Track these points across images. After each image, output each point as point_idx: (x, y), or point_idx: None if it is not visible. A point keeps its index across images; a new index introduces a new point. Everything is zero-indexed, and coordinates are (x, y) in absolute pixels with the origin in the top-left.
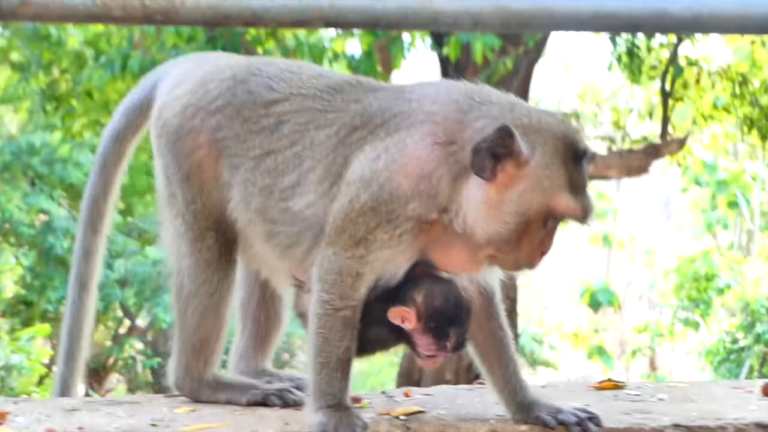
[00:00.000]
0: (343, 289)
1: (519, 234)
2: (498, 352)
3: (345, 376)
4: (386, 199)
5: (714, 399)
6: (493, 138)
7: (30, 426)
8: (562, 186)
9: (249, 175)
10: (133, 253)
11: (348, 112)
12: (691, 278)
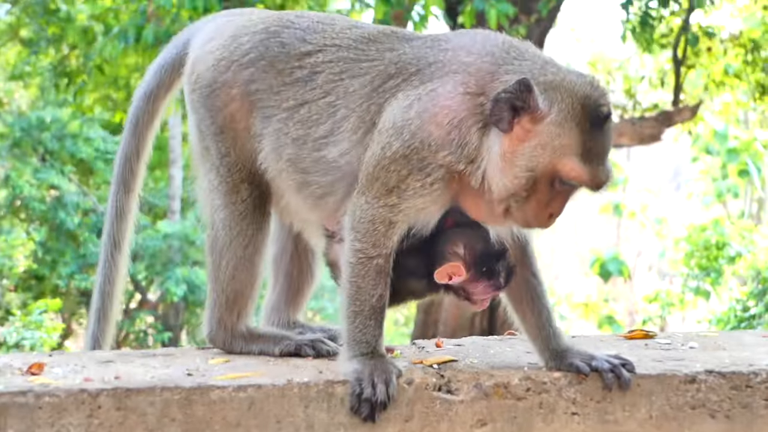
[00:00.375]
0: (375, 237)
1: (527, 191)
2: (531, 300)
3: (378, 325)
4: (417, 147)
5: (745, 347)
6: (512, 90)
7: (67, 376)
8: (573, 149)
9: (282, 125)
10: (144, 228)
11: (383, 61)
12: (702, 247)
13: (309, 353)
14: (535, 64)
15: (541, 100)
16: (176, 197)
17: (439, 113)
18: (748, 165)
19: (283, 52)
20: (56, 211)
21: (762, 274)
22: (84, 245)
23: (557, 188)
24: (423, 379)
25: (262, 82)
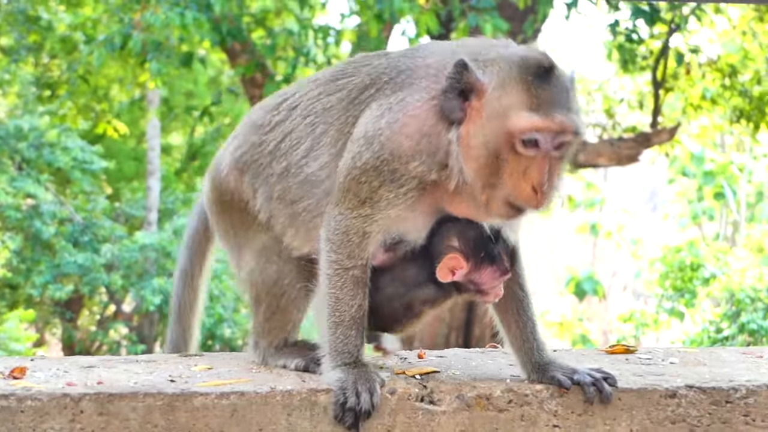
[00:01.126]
0: (350, 248)
1: (497, 169)
2: (517, 312)
3: (359, 334)
4: (388, 159)
5: (725, 363)
6: (451, 74)
7: (50, 380)
8: (519, 104)
9: (268, 168)
10: (120, 238)
11: (359, 75)
12: (677, 268)
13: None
14: (482, 47)
15: (481, 75)
16: (153, 208)
17: (409, 123)
18: (723, 188)
19: (261, 112)
20: (32, 219)
21: (735, 296)
22: (59, 254)
23: (525, 153)
24: (406, 389)
25: (246, 144)
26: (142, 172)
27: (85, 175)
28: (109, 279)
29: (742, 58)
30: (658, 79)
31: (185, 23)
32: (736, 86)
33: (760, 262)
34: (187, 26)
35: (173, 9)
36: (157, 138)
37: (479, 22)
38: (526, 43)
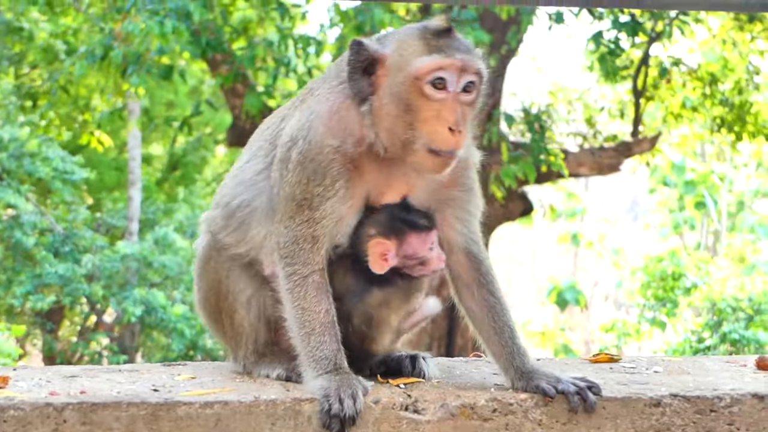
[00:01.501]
0: (303, 256)
1: (412, 121)
2: (492, 319)
3: (333, 339)
4: (309, 149)
5: (708, 372)
6: (350, 57)
7: (32, 390)
8: (421, 52)
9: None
10: (101, 248)
11: (296, 99)
12: (659, 277)
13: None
14: (379, 34)
15: (380, 47)
16: (134, 218)
17: (322, 110)
18: (704, 197)
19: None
20: (12, 230)
21: (717, 305)
22: (40, 265)
23: (434, 96)
24: (390, 398)
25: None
26: (123, 182)
27: (65, 186)
28: (90, 289)
29: (722, 67)
30: (639, 89)
31: (164, 32)
32: (716, 95)
33: (741, 271)
34: (166, 35)
35: (153, 18)
36: (138, 148)
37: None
38: (510, 55)
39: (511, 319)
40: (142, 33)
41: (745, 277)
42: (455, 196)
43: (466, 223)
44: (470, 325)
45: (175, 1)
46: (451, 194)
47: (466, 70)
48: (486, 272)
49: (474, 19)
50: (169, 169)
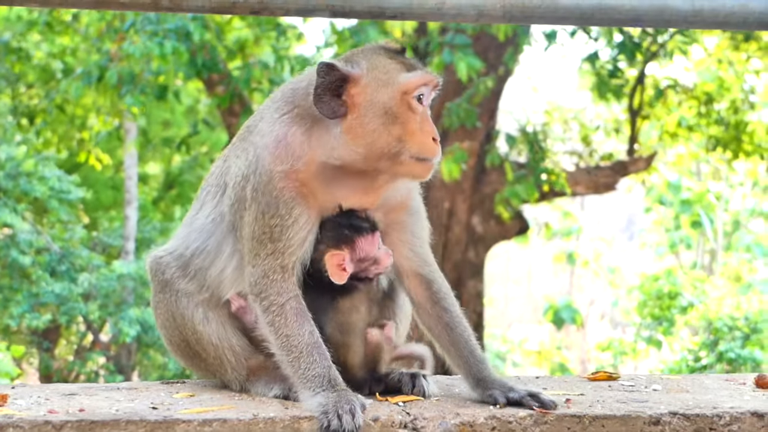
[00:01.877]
0: (275, 286)
1: (401, 133)
2: (448, 333)
3: (323, 356)
4: (260, 181)
5: (708, 390)
6: (319, 80)
7: (31, 408)
8: (399, 71)
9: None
10: (97, 268)
11: (233, 143)
12: (655, 296)
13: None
14: (340, 56)
15: (350, 67)
16: (131, 238)
17: (266, 140)
18: (700, 216)
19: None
20: (8, 249)
21: (713, 324)
22: (37, 284)
23: (418, 109)
24: (389, 416)
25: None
26: (119, 201)
27: (62, 205)
28: (86, 308)
29: (718, 86)
30: (635, 107)
31: (164, 53)
32: (712, 114)
33: (737, 290)
34: (166, 56)
35: (152, 39)
36: (135, 167)
37: (453, 59)
38: (506, 76)
39: (466, 331)
40: (142, 54)
41: (741, 296)
42: (402, 220)
43: (413, 247)
44: (433, 341)
45: (174, 22)
46: (398, 218)
47: (437, 86)
48: (438, 290)
49: (467, 45)
50: (166, 188)
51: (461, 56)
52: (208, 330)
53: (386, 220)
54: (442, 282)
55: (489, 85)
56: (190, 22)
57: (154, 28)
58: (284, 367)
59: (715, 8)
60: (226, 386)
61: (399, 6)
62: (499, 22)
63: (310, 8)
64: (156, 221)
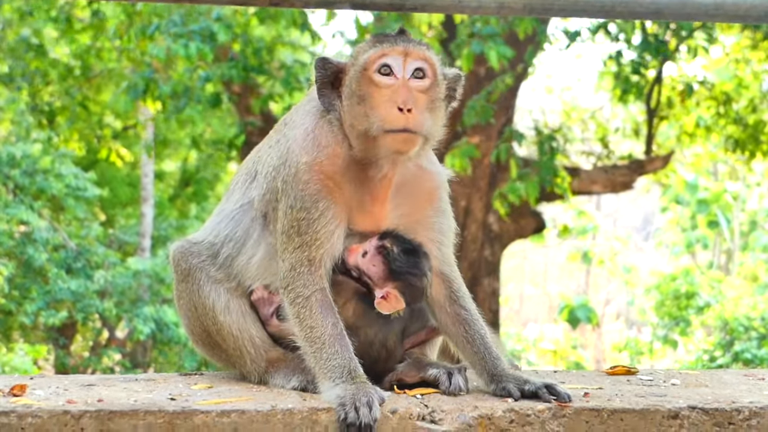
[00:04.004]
0: (302, 278)
1: (367, 109)
2: (464, 330)
3: (345, 348)
4: (289, 173)
5: (726, 385)
6: (317, 74)
7: (50, 398)
8: (366, 49)
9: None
10: (113, 265)
11: (269, 137)
12: (672, 296)
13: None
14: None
15: (342, 60)
16: (147, 235)
17: (298, 135)
18: (717, 216)
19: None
20: (25, 246)
21: (729, 324)
22: (52, 281)
23: (383, 82)
24: (407, 408)
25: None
26: (136, 198)
27: (78, 202)
28: (102, 305)
29: (736, 86)
30: (652, 107)
31: (190, 54)
32: (731, 114)
33: (754, 290)
34: (191, 57)
35: (177, 41)
36: (151, 164)
37: (484, 49)
38: (523, 74)
39: (482, 328)
40: (166, 56)
41: (757, 296)
42: (429, 218)
43: (439, 246)
44: (447, 339)
45: (198, 23)
46: (425, 215)
47: (410, 55)
48: (457, 289)
49: (496, 34)
50: (182, 185)
51: (492, 45)
52: (229, 321)
53: (413, 216)
54: (460, 282)
55: (508, 82)
56: (214, 23)
57: (179, 30)
58: (307, 358)
59: (737, 1)
60: (244, 378)
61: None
62: (519, 14)
63: (330, 0)
64: (172, 218)
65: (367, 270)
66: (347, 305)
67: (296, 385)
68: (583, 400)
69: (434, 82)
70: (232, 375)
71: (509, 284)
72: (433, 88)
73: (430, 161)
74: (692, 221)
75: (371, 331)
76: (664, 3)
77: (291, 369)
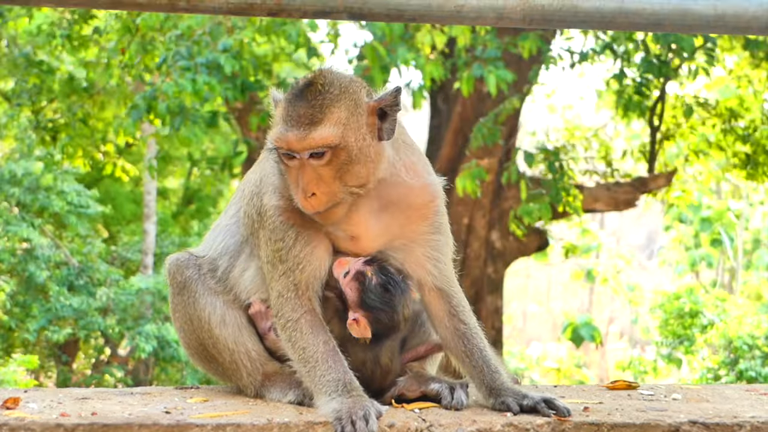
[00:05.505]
0: (289, 303)
1: (289, 184)
2: (463, 344)
3: (338, 362)
4: (260, 207)
5: (728, 400)
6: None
7: (43, 411)
8: (276, 120)
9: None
10: (116, 282)
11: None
12: (676, 315)
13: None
14: None
15: (277, 96)
16: (149, 252)
17: (269, 170)
18: (721, 235)
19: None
20: (26, 263)
21: (733, 343)
22: (53, 298)
23: (289, 164)
24: (404, 423)
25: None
26: (139, 215)
27: (80, 219)
28: (104, 323)
29: (738, 104)
30: (655, 125)
31: (197, 89)
32: (737, 131)
33: (757, 309)
34: (199, 92)
35: (184, 75)
36: (154, 181)
37: (483, 73)
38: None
39: (482, 341)
40: (175, 92)
41: (761, 314)
42: (424, 235)
43: (435, 263)
44: (448, 353)
45: (205, 56)
46: (419, 233)
47: (291, 147)
48: (456, 304)
49: (497, 58)
50: (185, 202)
51: (492, 69)
52: (225, 334)
53: (405, 236)
54: (460, 296)
55: (516, 105)
56: (221, 55)
57: (186, 63)
58: (303, 379)
59: (738, 13)
60: (240, 391)
61: (417, 8)
62: (518, 25)
63: (327, 10)
64: (175, 236)
65: (344, 290)
66: (332, 322)
67: (293, 399)
68: (583, 414)
69: (337, 150)
70: (229, 388)
71: (513, 303)
72: (339, 156)
73: (418, 174)
74: (696, 240)
75: (359, 349)
76: (665, 14)
77: (288, 383)
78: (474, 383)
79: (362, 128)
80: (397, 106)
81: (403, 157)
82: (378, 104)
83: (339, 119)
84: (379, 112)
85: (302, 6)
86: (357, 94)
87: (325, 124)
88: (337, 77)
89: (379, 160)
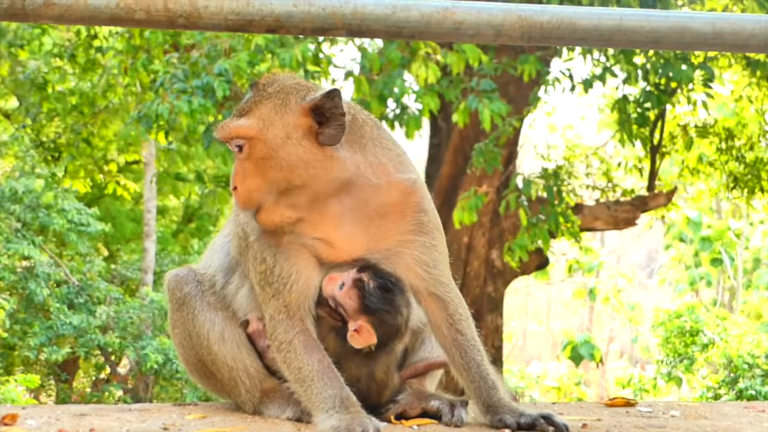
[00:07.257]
0: (281, 326)
1: None
2: (460, 356)
3: (334, 379)
4: (244, 226)
5: (726, 417)
6: None
7: (41, 427)
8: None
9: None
10: (116, 300)
11: None
12: (676, 333)
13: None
14: None
15: None
16: (149, 270)
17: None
18: (721, 254)
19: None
20: (26, 281)
21: (733, 362)
22: (54, 316)
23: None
24: None
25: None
26: (139, 234)
27: (81, 238)
28: (104, 340)
29: (736, 123)
30: (655, 144)
31: (192, 110)
32: (733, 150)
33: (757, 328)
34: (194, 113)
35: (180, 97)
36: (154, 200)
37: (478, 106)
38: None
39: (479, 354)
40: (171, 114)
41: (761, 333)
42: (411, 238)
43: (426, 267)
44: (450, 365)
45: (200, 79)
46: (402, 233)
47: (225, 135)
48: (453, 312)
49: (492, 90)
50: (185, 221)
51: (486, 102)
52: (224, 350)
53: (390, 239)
54: (458, 303)
55: (516, 126)
56: (215, 78)
57: (182, 86)
58: (301, 398)
59: (736, 30)
60: (239, 408)
61: (416, 25)
62: (517, 42)
63: (326, 27)
64: (175, 254)
65: (342, 302)
66: (327, 339)
67: (291, 415)
68: (582, 431)
69: (253, 143)
70: (227, 405)
71: (513, 321)
72: (256, 150)
73: (386, 173)
74: (696, 259)
75: (353, 365)
76: (663, 32)
77: (286, 399)
78: (472, 398)
79: (288, 127)
80: (335, 110)
81: (371, 158)
82: (308, 105)
83: (261, 114)
84: (315, 116)
85: (301, 23)
86: (290, 95)
87: (248, 117)
88: (281, 79)
89: (320, 164)
